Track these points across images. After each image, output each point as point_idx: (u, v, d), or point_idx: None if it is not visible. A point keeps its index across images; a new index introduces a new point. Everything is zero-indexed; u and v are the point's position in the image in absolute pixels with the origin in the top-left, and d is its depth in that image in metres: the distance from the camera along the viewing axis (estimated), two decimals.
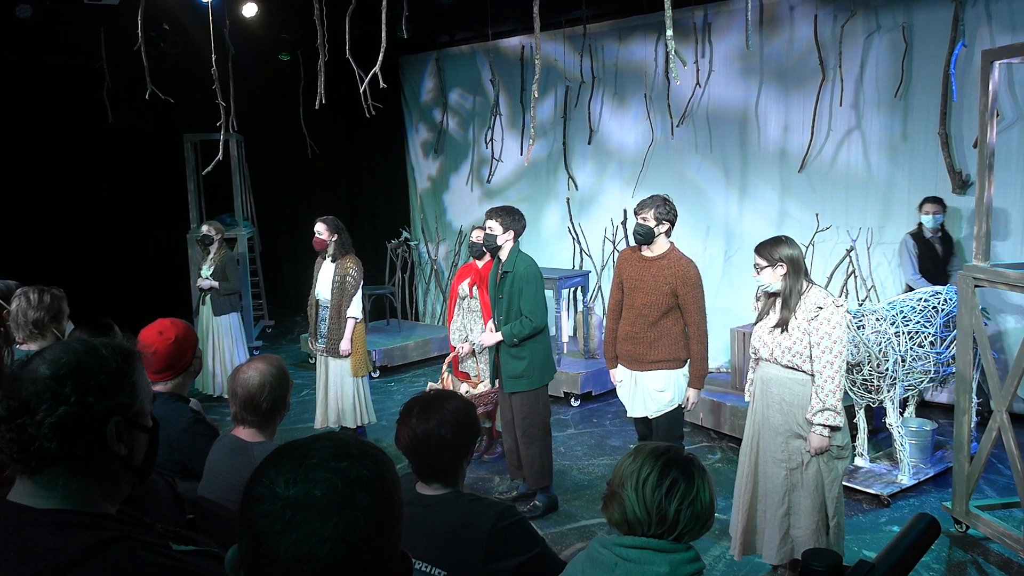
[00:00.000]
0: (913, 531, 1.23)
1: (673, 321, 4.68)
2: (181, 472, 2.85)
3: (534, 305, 4.90)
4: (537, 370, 4.98)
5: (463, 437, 2.31)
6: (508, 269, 4.97)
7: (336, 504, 1.08)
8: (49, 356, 1.38)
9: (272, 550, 1.07)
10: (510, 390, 5.02)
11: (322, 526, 1.06)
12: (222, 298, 7.61)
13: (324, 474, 1.10)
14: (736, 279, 7.98)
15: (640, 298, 4.68)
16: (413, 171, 11.13)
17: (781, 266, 3.83)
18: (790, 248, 3.86)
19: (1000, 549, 4.44)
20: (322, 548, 1.06)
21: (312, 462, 1.12)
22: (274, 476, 1.12)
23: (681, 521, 1.94)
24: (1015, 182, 6.35)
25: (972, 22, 6.52)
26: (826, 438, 3.74)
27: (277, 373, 2.70)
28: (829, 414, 3.71)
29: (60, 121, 9.96)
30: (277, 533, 1.07)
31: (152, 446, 1.50)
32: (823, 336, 3.73)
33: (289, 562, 1.06)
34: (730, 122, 8.00)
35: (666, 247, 4.68)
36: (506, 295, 4.97)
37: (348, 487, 1.10)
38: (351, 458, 1.13)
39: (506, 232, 5.00)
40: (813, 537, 3.81)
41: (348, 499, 1.09)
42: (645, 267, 4.69)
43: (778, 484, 3.88)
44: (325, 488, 1.09)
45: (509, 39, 9.59)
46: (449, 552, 2.19)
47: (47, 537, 1.30)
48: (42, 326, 3.69)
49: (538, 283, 4.98)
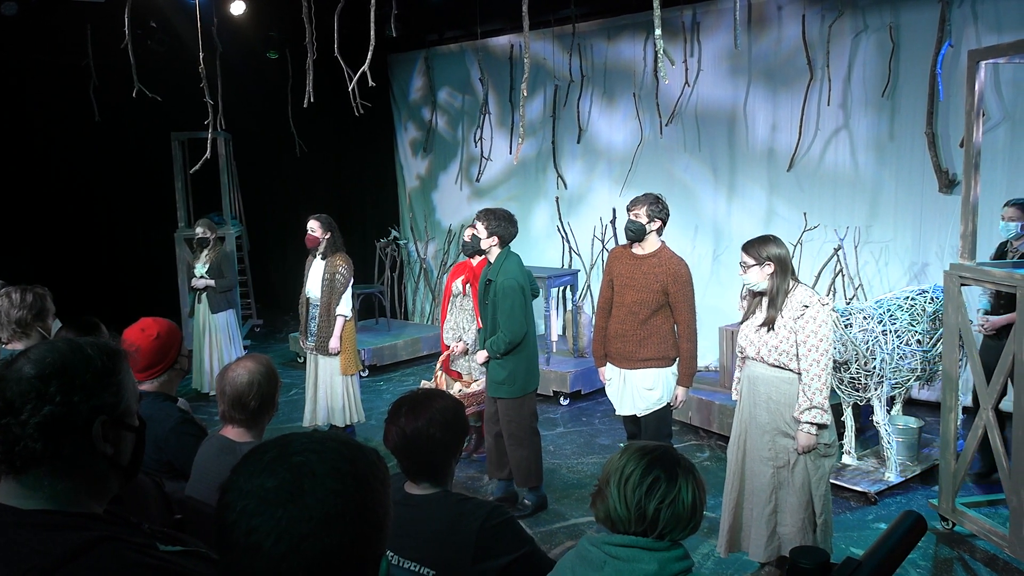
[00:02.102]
0: (900, 528, 1.23)
1: (663, 319, 4.70)
2: (169, 472, 2.84)
3: (510, 320, 4.82)
4: (520, 379, 4.93)
5: (452, 436, 2.31)
6: (492, 278, 4.91)
7: (283, 497, 1.08)
8: (34, 355, 1.37)
9: (228, 540, 1.08)
10: (492, 394, 5.02)
11: (268, 518, 1.06)
12: (219, 295, 7.63)
13: (278, 467, 1.10)
14: (725, 278, 8.00)
15: (630, 296, 4.69)
16: (402, 170, 11.11)
17: (768, 265, 3.84)
18: (778, 247, 3.87)
19: (986, 546, 4.47)
20: (267, 539, 1.06)
21: (272, 455, 1.12)
22: (240, 469, 1.13)
23: (661, 520, 1.93)
24: (1001, 181, 6.39)
25: (958, 22, 6.56)
26: (814, 436, 3.76)
27: (266, 372, 2.69)
28: (816, 412, 3.72)
29: (46, 119, 9.89)
30: (231, 524, 1.08)
31: (139, 446, 1.49)
32: (809, 335, 3.75)
33: (239, 551, 1.07)
34: (718, 121, 8.02)
35: (657, 245, 4.70)
36: (490, 303, 4.95)
37: (297, 481, 1.09)
38: (312, 453, 1.12)
39: (490, 236, 4.92)
40: (799, 535, 3.83)
41: (295, 493, 1.08)
42: (636, 265, 4.70)
43: (765, 482, 3.90)
44: (276, 480, 1.09)
45: (498, 38, 9.58)
46: (438, 551, 2.19)
47: (32, 538, 1.29)
48: (25, 325, 3.67)
49: (515, 297, 4.84)
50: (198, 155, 6.53)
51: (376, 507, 1.14)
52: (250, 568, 1.07)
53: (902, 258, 7.01)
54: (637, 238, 4.67)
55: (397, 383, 8.32)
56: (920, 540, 1.28)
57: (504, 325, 4.83)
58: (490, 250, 4.96)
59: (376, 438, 6.22)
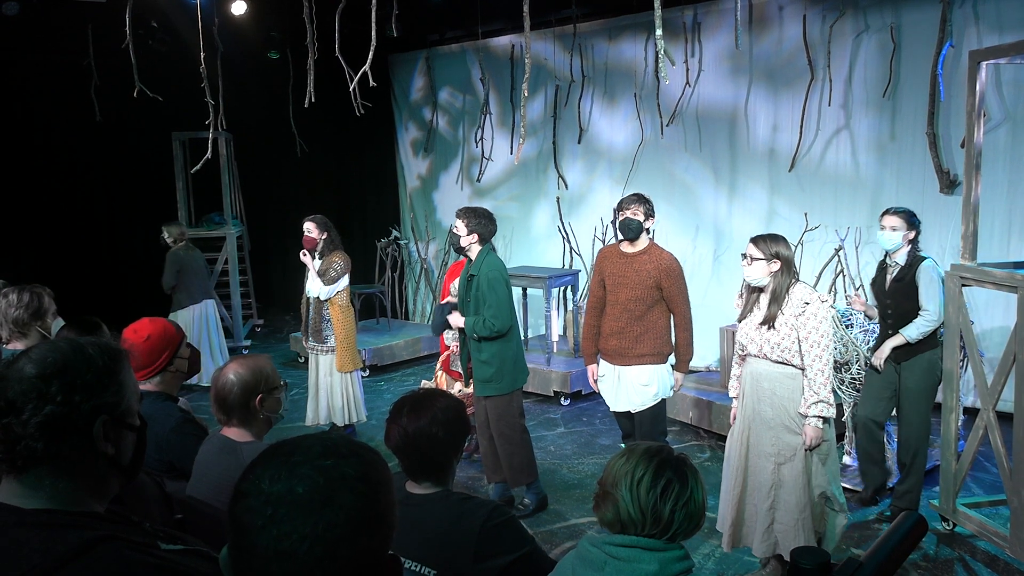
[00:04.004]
0: (901, 529, 1.24)
1: (658, 315, 4.77)
2: (170, 471, 2.84)
3: (496, 310, 4.81)
4: (507, 375, 4.92)
5: (453, 435, 2.31)
6: (474, 273, 4.90)
7: (318, 502, 1.08)
8: (35, 355, 1.37)
9: (253, 545, 1.08)
10: (480, 393, 4.99)
11: (302, 523, 1.07)
12: (177, 295, 8.18)
13: (308, 471, 1.10)
14: (725, 278, 8.00)
15: (624, 293, 4.75)
16: (403, 170, 11.10)
17: (775, 262, 3.86)
18: (787, 248, 3.92)
19: (986, 546, 4.47)
20: (301, 545, 1.06)
21: (297, 459, 1.12)
22: (261, 472, 1.13)
23: (676, 522, 1.95)
24: (1002, 182, 6.39)
25: (959, 23, 6.56)
26: (821, 429, 3.81)
27: (250, 373, 2.64)
28: (823, 405, 3.78)
29: (47, 119, 9.89)
30: (259, 528, 1.08)
31: (140, 445, 1.49)
32: (811, 331, 3.79)
33: (269, 557, 1.07)
34: (719, 121, 8.02)
35: (647, 242, 4.81)
36: (472, 298, 4.91)
37: (330, 486, 1.10)
38: (337, 457, 1.13)
39: (470, 234, 4.90)
40: (793, 532, 3.85)
41: (330, 498, 1.09)
42: (627, 262, 4.78)
43: (765, 478, 3.92)
44: (307, 485, 1.09)
45: (499, 38, 9.58)
46: (439, 551, 2.19)
47: (34, 538, 1.29)
48: (24, 324, 3.67)
49: (499, 289, 4.84)
50: (199, 155, 6.52)
51: (393, 508, 1.17)
52: (280, 573, 1.07)
53: None
54: (635, 236, 4.75)
55: (398, 383, 8.32)
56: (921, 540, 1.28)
57: (491, 314, 4.80)
58: (470, 247, 4.94)
59: (377, 437, 6.22)
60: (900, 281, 4.72)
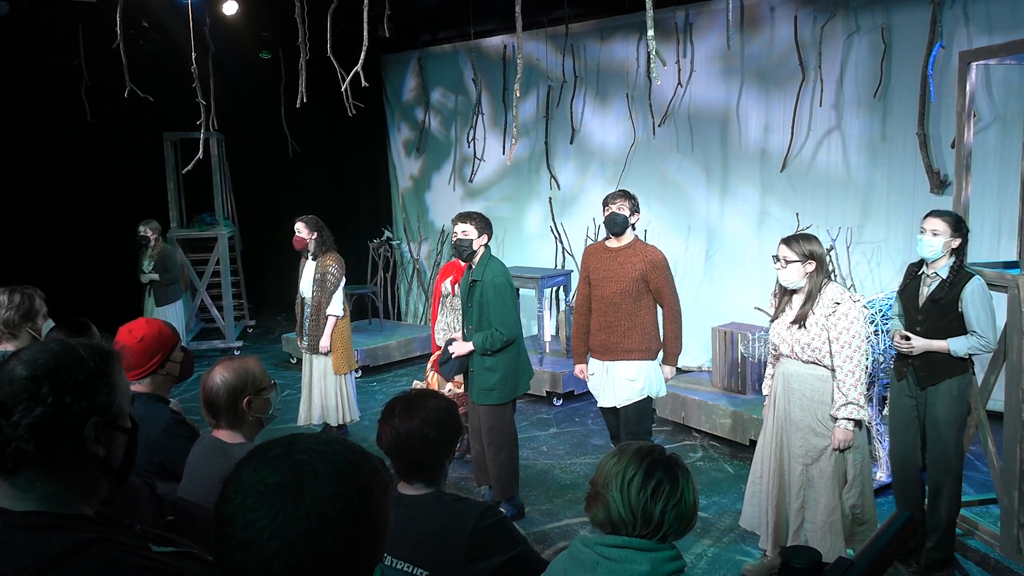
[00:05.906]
0: (892, 528, 1.24)
1: (646, 310, 4.78)
2: (161, 473, 2.83)
3: (504, 317, 4.74)
4: (510, 384, 4.87)
5: (446, 436, 2.31)
6: (477, 278, 4.83)
7: (283, 493, 1.08)
8: (26, 356, 1.37)
9: (225, 534, 1.08)
10: (481, 402, 4.91)
11: (266, 512, 1.07)
12: (164, 289, 8.40)
13: (282, 463, 1.11)
14: (717, 278, 8.02)
15: (610, 287, 4.77)
16: (395, 170, 11.09)
17: (811, 263, 3.82)
18: (819, 246, 3.87)
19: (978, 545, 4.49)
20: (262, 534, 1.06)
21: (276, 452, 1.13)
22: (245, 462, 1.14)
23: (666, 522, 1.95)
24: (992, 182, 6.41)
25: (950, 24, 6.58)
26: (851, 432, 3.76)
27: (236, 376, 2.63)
28: (853, 408, 3.73)
29: (38, 119, 9.82)
30: (230, 516, 1.09)
31: (131, 447, 1.49)
32: (842, 331, 3.74)
33: (234, 546, 1.07)
34: (711, 122, 8.04)
35: (631, 237, 4.86)
36: (476, 304, 4.84)
37: (299, 479, 1.09)
38: (316, 453, 1.13)
39: (481, 236, 4.86)
40: (821, 533, 3.83)
41: (297, 490, 1.08)
42: (611, 257, 4.82)
43: (795, 478, 3.92)
44: (278, 477, 1.09)
45: (491, 38, 9.58)
46: (431, 552, 2.19)
47: (24, 540, 1.29)
48: (13, 326, 3.65)
49: (506, 294, 4.78)
50: (190, 155, 6.50)
51: (376, 514, 1.14)
52: (243, 562, 1.07)
53: (894, 258, 7.03)
54: (621, 230, 4.81)
55: (390, 383, 8.31)
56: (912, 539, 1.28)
57: (499, 322, 4.74)
58: (479, 250, 4.92)
59: (370, 438, 6.21)
60: (937, 302, 4.00)
